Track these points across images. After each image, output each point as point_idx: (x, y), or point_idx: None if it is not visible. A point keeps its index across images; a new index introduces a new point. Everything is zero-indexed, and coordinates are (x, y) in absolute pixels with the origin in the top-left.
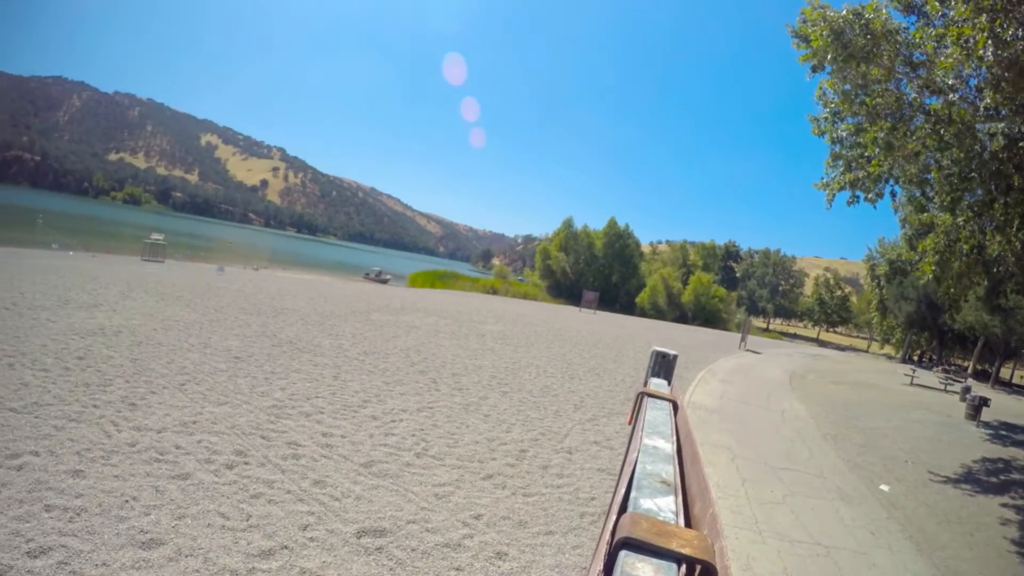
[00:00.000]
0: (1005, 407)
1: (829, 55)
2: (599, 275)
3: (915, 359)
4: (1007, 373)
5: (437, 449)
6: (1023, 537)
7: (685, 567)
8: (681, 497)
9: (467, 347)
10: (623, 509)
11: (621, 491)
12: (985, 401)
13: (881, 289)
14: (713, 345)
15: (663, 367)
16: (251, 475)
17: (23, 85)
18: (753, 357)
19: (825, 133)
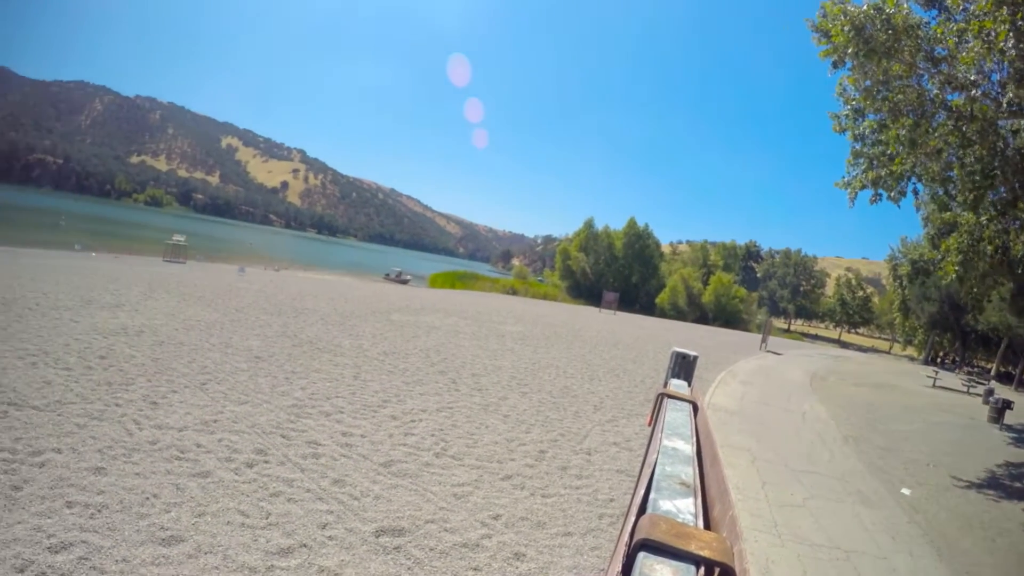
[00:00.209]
0: None
1: (850, 50)
2: (619, 275)
3: (938, 361)
4: None
5: (456, 449)
6: None
7: (704, 569)
8: (700, 499)
9: (487, 348)
10: (642, 510)
11: (640, 492)
12: (1008, 404)
13: (904, 289)
14: (734, 346)
15: (683, 368)
16: (271, 474)
17: (45, 90)
18: (774, 358)
19: (846, 130)
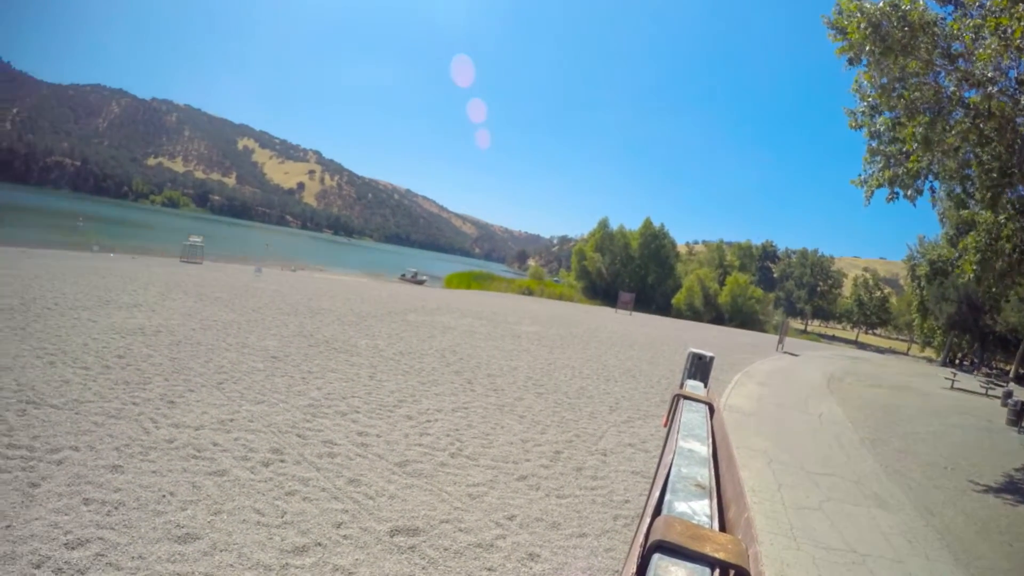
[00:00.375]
0: None
1: (866, 48)
2: (635, 276)
3: (956, 362)
4: None
5: (471, 449)
6: None
7: (719, 572)
8: (716, 501)
9: (502, 348)
10: (657, 512)
11: (656, 494)
12: None
13: (922, 290)
14: (750, 347)
15: (699, 369)
16: (287, 473)
17: (63, 93)
18: (791, 359)
19: (863, 127)
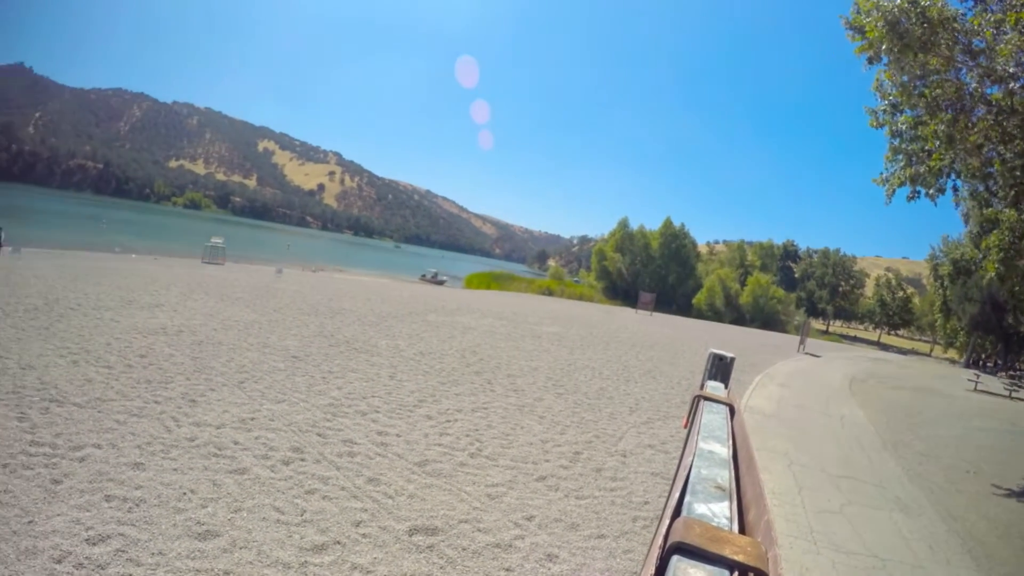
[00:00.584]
0: None
1: (885, 46)
2: (655, 276)
3: (979, 364)
4: None
5: (491, 450)
6: None
7: (738, 575)
8: (736, 503)
9: (522, 348)
10: (677, 513)
11: (675, 495)
12: None
13: (945, 290)
14: (771, 348)
15: (720, 370)
16: (307, 471)
17: (84, 97)
18: (812, 360)
19: (884, 126)
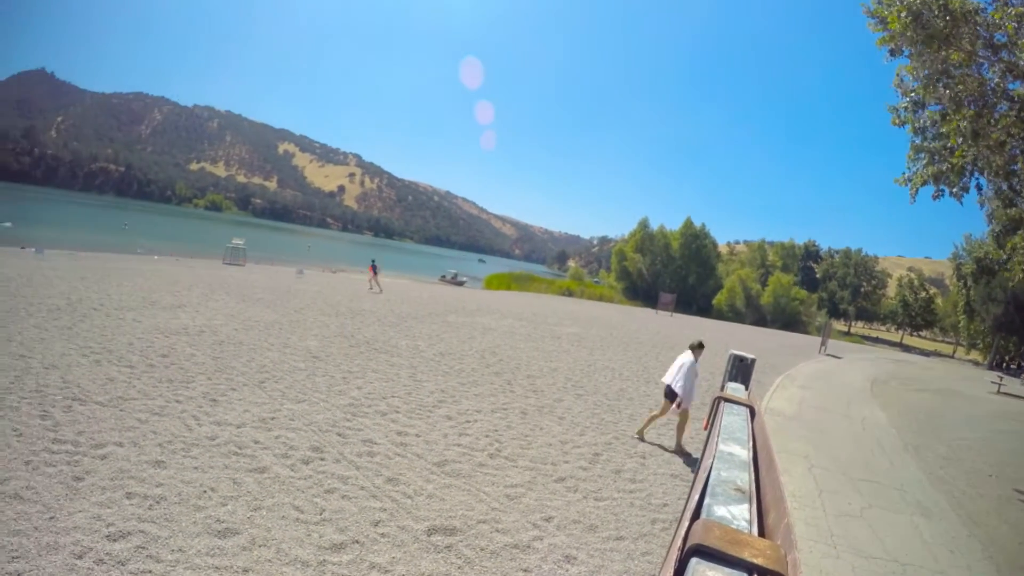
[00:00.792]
0: None
1: (907, 36)
2: (675, 276)
3: (1003, 365)
4: None
5: (510, 450)
6: None
7: None
8: (756, 505)
9: (542, 349)
10: (696, 515)
11: (695, 497)
12: None
13: (968, 290)
14: (792, 349)
15: (740, 371)
16: (326, 471)
17: (106, 101)
18: (834, 362)
19: (906, 123)
